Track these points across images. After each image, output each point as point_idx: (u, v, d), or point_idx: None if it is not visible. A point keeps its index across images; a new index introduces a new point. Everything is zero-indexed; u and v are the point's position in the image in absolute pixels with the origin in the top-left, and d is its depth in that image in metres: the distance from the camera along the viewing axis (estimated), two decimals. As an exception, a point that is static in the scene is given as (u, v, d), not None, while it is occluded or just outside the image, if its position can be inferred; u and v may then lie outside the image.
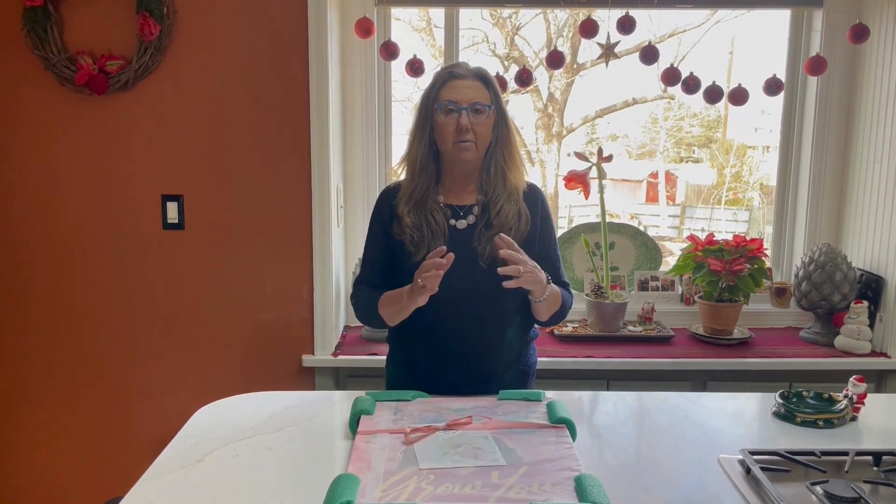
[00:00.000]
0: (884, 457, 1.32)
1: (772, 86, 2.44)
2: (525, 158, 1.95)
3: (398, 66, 2.51)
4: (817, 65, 2.40)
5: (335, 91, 2.35)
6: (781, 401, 1.58)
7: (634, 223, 3.82)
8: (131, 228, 2.31)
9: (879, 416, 1.59)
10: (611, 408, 1.66)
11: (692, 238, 2.49)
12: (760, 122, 3.51)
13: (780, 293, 2.63)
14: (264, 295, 2.35)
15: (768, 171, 3.35)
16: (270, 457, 1.35)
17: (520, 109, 3.49)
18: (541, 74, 3.08)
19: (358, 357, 2.32)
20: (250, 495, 1.21)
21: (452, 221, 1.67)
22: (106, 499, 2.35)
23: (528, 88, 2.62)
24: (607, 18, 2.36)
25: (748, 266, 2.37)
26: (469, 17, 2.89)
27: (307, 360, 2.34)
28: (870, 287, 2.43)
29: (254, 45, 2.24)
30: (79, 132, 2.26)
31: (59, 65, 2.18)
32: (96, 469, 2.43)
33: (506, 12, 3.13)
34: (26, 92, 2.24)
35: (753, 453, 1.31)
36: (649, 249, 2.69)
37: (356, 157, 2.56)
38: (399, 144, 2.61)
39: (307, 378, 2.38)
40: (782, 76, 2.47)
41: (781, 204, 2.71)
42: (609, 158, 2.48)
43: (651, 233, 3.18)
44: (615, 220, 3.11)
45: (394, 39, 2.47)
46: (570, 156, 2.49)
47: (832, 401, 1.58)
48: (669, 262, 2.72)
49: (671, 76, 2.43)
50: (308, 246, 2.31)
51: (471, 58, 2.92)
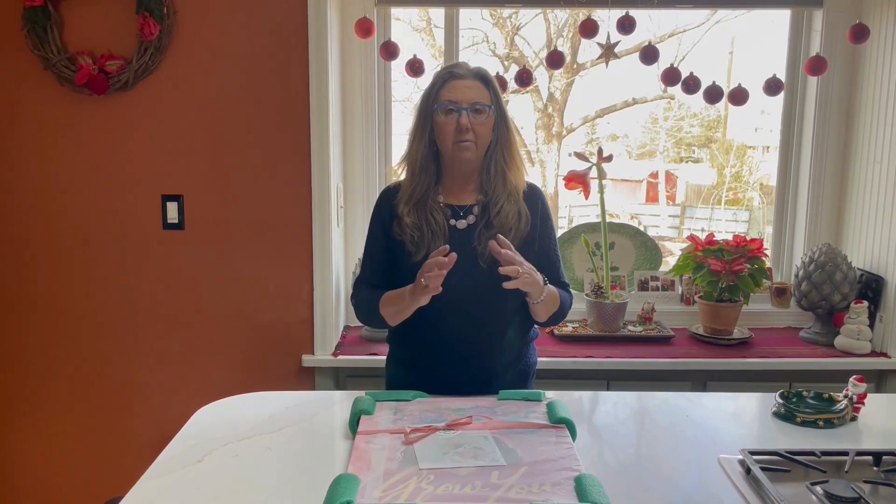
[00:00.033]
0: (884, 457, 1.32)
1: (772, 86, 2.44)
2: (525, 158, 1.95)
3: (398, 66, 2.51)
4: (817, 65, 2.40)
5: (335, 91, 2.35)
6: (781, 401, 1.58)
7: (634, 223, 3.82)
8: (131, 228, 2.31)
9: (879, 416, 1.59)
10: (611, 408, 1.66)
11: (692, 238, 2.49)
12: (760, 122, 3.51)
13: (780, 293, 2.63)
14: (264, 295, 2.35)
15: (768, 171, 3.36)
16: (270, 457, 1.35)
17: (520, 109, 3.49)
18: (541, 74, 3.08)
19: (358, 357, 2.32)
20: (250, 495, 1.21)
21: (452, 221, 1.67)
22: (106, 499, 2.35)
23: (528, 88, 2.62)
24: (607, 18, 2.36)
25: (748, 266, 2.37)
26: (469, 17, 2.89)
27: (307, 360, 2.34)
28: (870, 287, 2.43)
29: (254, 45, 2.24)
30: (79, 132, 2.26)
31: (59, 65, 2.18)
32: (96, 469, 2.43)
33: (506, 12, 3.13)
34: (26, 92, 2.24)
35: (753, 453, 1.31)
36: (649, 249, 2.69)
37: (356, 157, 2.56)
38: (399, 144, 2.61)
39: (307, 378, 2.38)
40: (782, 76, 2.47)
41: (781, 204, 2.71)
42: (609, 158, 2.48)
43: (651, 233, 3.18)
44: (615, 220, 3.11)
45: (394, 39, 2.47)
46: (571, 156, 2.49)
47: (832, 401, 1.58)
48: (669, 262, 2.72)
49: (671, 76, 2.43)
50: (308, 246, 2.31)
51: (471, 58, 2.92)
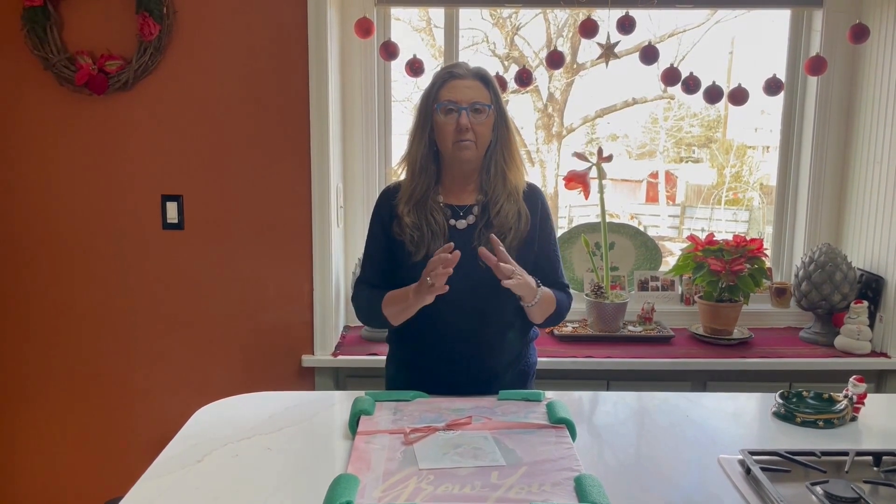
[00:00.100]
0: (884, 457, 1.31)
1: (772, 86, 2.44)
2: (525, 158, 1.94)
3: (398, 66, 2.51)
4: (817, 65, 2.40)
5: (335, 91, 2.35)
6: (781, 401, 1.58)
7: (634, 223, 3.82)
8: (131, 228, 2.31)
9: (879, 417, 1.59)
10: (611, 408, 1.66)
11: (692, 238, 2.49)
12: (760, 122, 3.51)
13: (780, 293, 2.63)
14: (264, 295, 2.35)
15: (768, 171, 3.35)
16: (270, 457, 1.35)
17: (520, 109, 3.49)
18: (541, 74, 3.08)
19: (358, 357, 2.32)
20: (250, 495, 1.21)
21: (452, 221, 1.67)
22: (106, 499, 2.35)
23: (528, 88, 2.62)
24: (607, 18, 2.36)
25: (748, 266, 2.36)
26: (469, 17, 2.89)
27: (307, 361, 2.34)
28: (870, 287, 2.43)
29: (253, 45, 2.24)
30: (78, 132, 2.26)
31: (59, 65, 2.18)
32: (96, 469, 2.43)
33: (506, 12, 3.13)
34: (26, 92, 2.24)
35: (753, 453, 1.31)
36: (649, 249, 2.69)
37: (356, 158, 2.56)
38: (399, 144, 2.61)
39: (307, 378, 2.38)
40: (782, 76, 2.47)
41: (781, 204, 2.71)
42: (609, 158, 2.48)
43: (651, 233, 3.18)
44: (615, 220, 3.11)
45: (394, 39, 2.47)
46: (573, 156, 2.49)
47: (832, 401, 1.58)
48: (669, 262, 2.72)
49: (671, 76, 2.43)
50: (308, 246, 2.31)
51: (471, 58, 2.92)
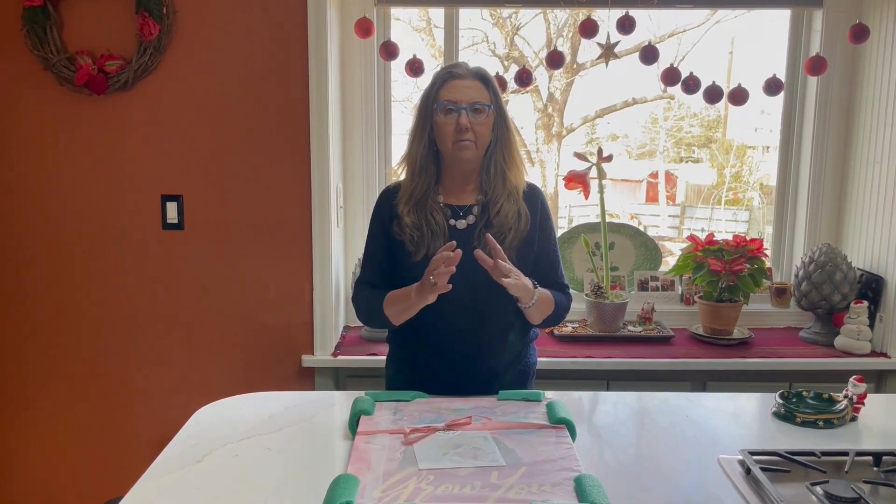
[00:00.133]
0: (884, 457, 1.31)
1: (772, 86, 2.44)
2: (525, 158, 1.94)
3: (398, 66, 2.51)
4: (817, 65, 2.40)
5: (335, 91, 2.35)
6: (781, 401, 1.58)
7: (634, 223, 3.82)
8: (131, 228, 2.31)
9: (879, 417, 1.59)
10: (611, 408, 1.66)
11: (692, 238, 2.49)
12: (760, 122, 3.51)
13: (780, 293, 2.63)
14: (264, 295, 2.35)
15: (768, 171, 3.35)
16: (270, 457, 1.35)
17: (520, 109, 3.49)
18: (541, 74, 3.08)
19: (358, 357, 2.31)
20: (250, 495, 1.21)
21: (452, 221, 1.67)
22: (106, 499, 2.35)
23: (528, 88, 2.62)
24: (607, 18, 2.36)
25: (748, 266, 2.36)
26: (469, 17, 2.89)
27: (307, 361, 2.34)
28: (870, 287, 2.43)
29: (253, 45, 2.24)
30: (78, 132, 2.26)
31: (59, 65, 2.18)
32: (96, 469, 2.43)
33: (506, 12, 3.13)
34: (26, 92, 2.23)
35: (753, 453, 1.31)
36: (649, 249, 2.69)
37: (356, 158, 2.56)
38: (399, 144, 2.61)
39: (307, 378, 2.38)
40: (782, 76, 2.47)
41: (781, 204, 2.71)
42: (609, 158, 2.48)
43: (651, 233, 3.18)
44: (615, 220, 3.11)
45: (393, 39, 2.47)
46: (574, 156, 2.49)
47: (832, 401, 1.58)
48: (669, 262, 2.72)
49: (671, 76, 2.43)
50: (308, 246, 2.31)
51: (471, 58, 2.92)
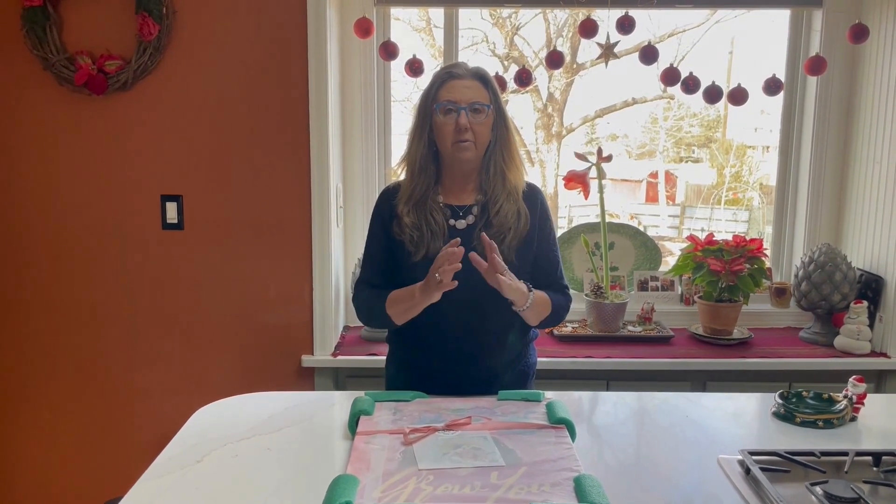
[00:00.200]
0: (883, 457, 1.32)
1: (771, 86, 2.44)
2: (525, 158, 1.94)
3: (398, 66, 2.51)
4: (817, 65, 2.40)
5: (335, 91, 2.35)
6: (781, 401, 1.58)
7: (634, 223, 3.82)
8: (131, 228, 2.31)
9: (879, 417, 1.59)
10: (610, 408, 1.66)
11: (692, 238, 2.49)
12: (760, 122, 3.50)
13: (780, 293, 2.63)
14: (264, 295, 2.35)
15: (768, 171, 3.35)
16: (270, 457, 1.35)
17: (519, 109, 3.49)
18: (540, 74, 3.08)
19: (357, 357, 2.31)
20: (250, 495, 1.21)
21: (452, 221, 1.67)
22: (106, 499, 2.35)
23: (528, 88, 2.62)
24: (607, 18, 2.36)
25: (748, 266, 2.36)
26: (469, 17, 2.89)
27: (307, 361, 2.34)
28: (869, 287, 2.43)
29: (253, 45, 2.23)
30: (78, 132, 2.26)
31: (58, 65, 2.18)
32: (96, 469, 2.43)
33: (505, 12, 3.13)
34: (25, 92, 2.23)
35: (753, 453, 1.31)
36: (649, 249, 2.69)
37: (356, 157, 2.56)
38: (399, 144, 2.61)
39: (307, 378, 2.38)
40: (782, 76, 2.47)
41: (781, 204, 2.71)
42: (609, 158, 2.48)
43: (651, 233, 3.17)
44: (615, 220, 3.11)
45: (393, 39, 2.47)
46: (574, 156, 2.49)
47: (832, 401, 1.58)
48: (669, 262, 2.72)
49: (671, 76, 2.43)
50: (308, 246, 2.31)
51: (470, 58, 2.92)
